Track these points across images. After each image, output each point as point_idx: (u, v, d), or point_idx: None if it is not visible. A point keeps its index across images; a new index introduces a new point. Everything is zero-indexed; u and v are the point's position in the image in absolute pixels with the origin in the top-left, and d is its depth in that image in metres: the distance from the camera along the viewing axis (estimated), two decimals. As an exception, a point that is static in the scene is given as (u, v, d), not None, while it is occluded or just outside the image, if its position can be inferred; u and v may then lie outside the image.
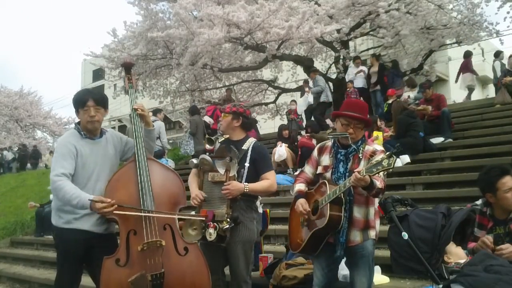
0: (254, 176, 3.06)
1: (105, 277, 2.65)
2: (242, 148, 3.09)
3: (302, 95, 10.72)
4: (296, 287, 3.62)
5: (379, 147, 2.84)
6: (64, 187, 2.65)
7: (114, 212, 2.63)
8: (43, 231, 8.38)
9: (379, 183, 2.53)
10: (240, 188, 2.95)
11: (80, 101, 2.86)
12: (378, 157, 2.49)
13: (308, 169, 2.97)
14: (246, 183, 2.99)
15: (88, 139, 2.89)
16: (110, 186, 2.77)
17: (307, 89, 10.20)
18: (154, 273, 2.64)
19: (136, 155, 2.86)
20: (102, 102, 2.90)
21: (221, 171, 2.99)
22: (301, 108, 10.38)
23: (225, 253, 3.06)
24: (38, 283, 6.37)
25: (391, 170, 2.43)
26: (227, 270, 3.21)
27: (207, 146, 3.25)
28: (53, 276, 6.14)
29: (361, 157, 2.70)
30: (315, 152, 2.96)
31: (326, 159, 2.85)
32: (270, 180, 3.09)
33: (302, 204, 2.75)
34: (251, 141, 3.16)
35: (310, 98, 10.15)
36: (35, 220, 8.76)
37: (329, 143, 2.91)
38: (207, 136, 3.70)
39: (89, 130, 2.89)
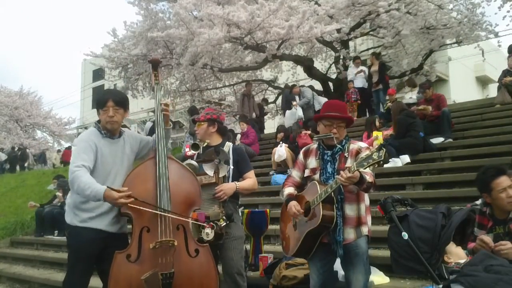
0: (237, 176, 3.27)
1: (115, 271, 2.65)
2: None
3: (288, 108, 10.42)
4: (296, 287, 3.62)
5: (363, 144, 2.91)
6: (80, 177, 2.66)
7: (129, 204, 2.61)
8: (43, 231, 8.38)
9: (368, 177, 2.59)
10: (232, 187, 3.12)
11: (100, 102, 2.91)
12: (367, 152, 2.53)
13: (295, 173, 3.02)
14: (236, 182, 3.18)
15: (108, 139, 2.92)
16: (128, 180, 2.77)
17: (294, 103, 10.08)
18: (164, 272, 2.63)
19: (157, 152, 2.86)
20: (122, 103, 2.92)
21: (210, 173, 3.09)
22: (288, 121, 10.16)
23: (216, 254, 3.12)
24: (38, 283, 6.36)
25: (382, 162, 2.47)
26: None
27: (191, 152, 3.28)
28: (53, 276, 6.24)
29: (347, 156, 2.77)
30: (300, 156, 3.03)
31: (312, 162, 2.90)
32: (253, 179, 3.32)
33: (294, 206, 2.77)
34: (229, 144, 3.36)
35: (299, 112, 9.97)
36: (35, 220, 8.74)
37: (314, 146, 2.98)
38: (192, 142, 3.73)
39: (109, 130, 2.92)
